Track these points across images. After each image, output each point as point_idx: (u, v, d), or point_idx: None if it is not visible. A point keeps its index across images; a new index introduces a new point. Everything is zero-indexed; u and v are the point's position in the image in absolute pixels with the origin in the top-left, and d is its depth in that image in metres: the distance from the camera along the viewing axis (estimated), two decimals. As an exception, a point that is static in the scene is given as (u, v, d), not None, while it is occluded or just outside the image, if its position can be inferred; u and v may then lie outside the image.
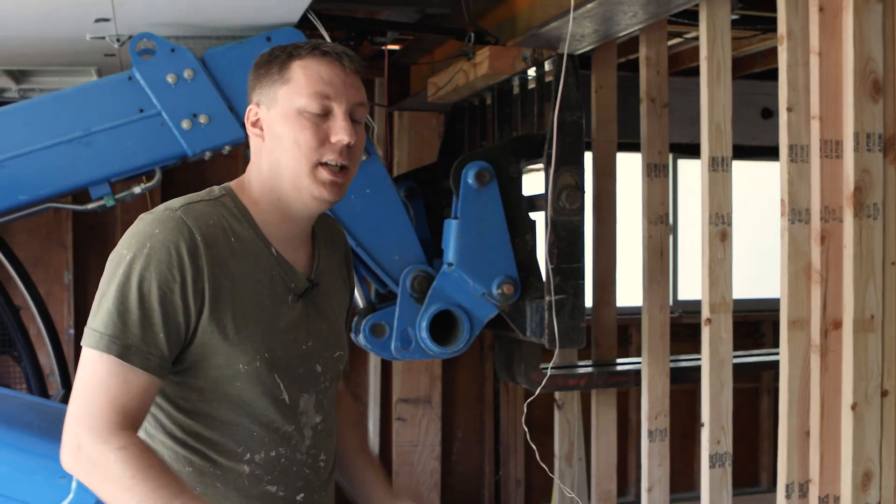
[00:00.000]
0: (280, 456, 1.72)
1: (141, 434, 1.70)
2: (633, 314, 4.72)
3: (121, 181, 3.25)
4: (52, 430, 2.86)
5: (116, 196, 3.22)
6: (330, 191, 1.70)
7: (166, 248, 1.62)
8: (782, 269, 2.84)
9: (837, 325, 2.71)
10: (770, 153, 5.53)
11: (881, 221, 2.63)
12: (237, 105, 3.21)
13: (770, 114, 5.45)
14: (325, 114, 1.69)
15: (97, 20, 3.12)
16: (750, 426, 5.88)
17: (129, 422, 1.60)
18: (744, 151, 5.32)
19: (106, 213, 4.79)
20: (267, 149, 1.74)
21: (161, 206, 1.70)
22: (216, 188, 1.78)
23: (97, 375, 1.60)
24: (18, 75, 4.12)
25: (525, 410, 3.30)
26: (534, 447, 3.27)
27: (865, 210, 2.62)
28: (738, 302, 3.44)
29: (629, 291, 4.22)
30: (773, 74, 5.32)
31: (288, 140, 1.69)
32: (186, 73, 3.17)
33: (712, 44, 3.15)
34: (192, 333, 1.65)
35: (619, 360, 3.96)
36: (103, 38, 3.32)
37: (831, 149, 2.69)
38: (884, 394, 2.66)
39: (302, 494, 1.75)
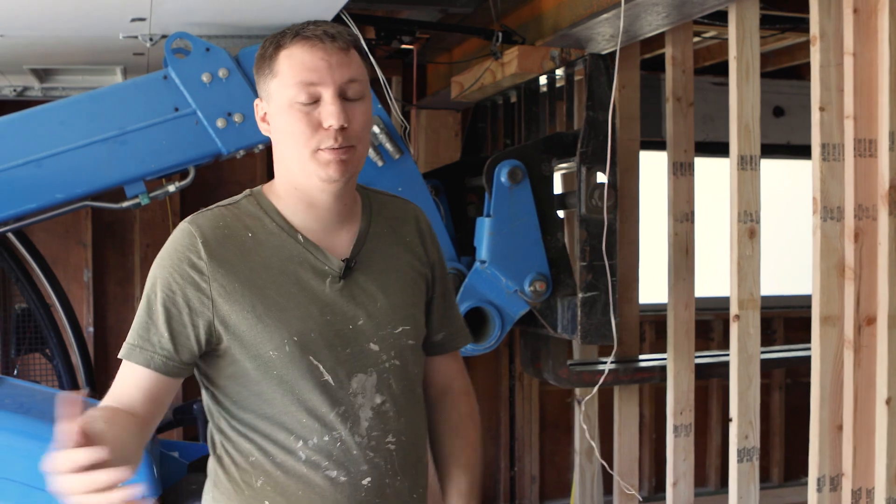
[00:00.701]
0: (335, 440, 1.73)
1: (214, 434, 1.81)
2: (646, 311, 4.77)
3: (155, 179, 3.28)
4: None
5: (151, 194, 3.24)
6: (336, 169, 1.71)
7: (170, 257, 1.72)
8: (814, 266, 2.88)
9: (871, 321, 2.75)
10: (781, 151, 5.61)
11: (915, 219, 2.68)
12: (270, 104, 3.24)
13: (782, 112, 5.50)
14: (315, 101, 1.70)
15: (133, 19, 3.15)
16: (762, 422, 5.92)
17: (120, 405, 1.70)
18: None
19: (125, 211, 4.85)
20: (275, 142, 1.79)
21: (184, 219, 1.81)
22: (242, 193, 1.85)
23: (117, 376, 1.74)
24: (42, 74, 4.14)
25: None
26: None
27: (900, 208, 2.66)
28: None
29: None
30: (784, 73, 5.40)
31: (286, 132, 1.72)
32: (221, 73, 3.19)
33: (741, 44, 3.18)
34: (213, 331, 1.71)
35: (640, 357, 4.00)
36: (136, 37, 3.35)
37: (865, 147, 2.73)
38: (917, 389, 2.71)
39: (368, 479, 1.74)
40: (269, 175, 5.50)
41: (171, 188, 3.31)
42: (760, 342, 3.31)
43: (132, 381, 1.71)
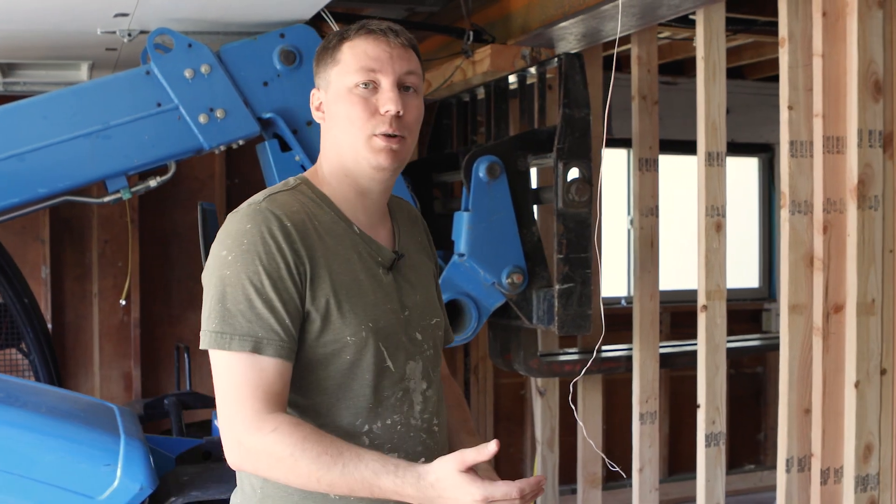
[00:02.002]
0: (396, 423, 1.79)
1: None
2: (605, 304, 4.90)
3: (137, 174, 3.30)
4: (92, 420, 2.91)
5: (133, 189, 3.26)
6: (386, 157, 1.76)
7: (262, 238, 1.69)
8: (782, 257, 3.02)
9: (838, 308, 2.90)
10: (727, 149, 5.79)
11: (881, 212, 2.84)
12: (252, 99, 3.29)
13: (727, 111, 5.67)
14: (374, 88, 1.76)
15: (117, 14, 3.16)
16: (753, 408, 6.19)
17: (274, 405, 1.66)
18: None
19: (82, 207, 4.82)
20: (328, 129, 1.83)
21: (244, 204, 1.78)
22: (291, 179, 1.86)
23: (234, 374, 1.67)
24: (6, 68, 4.11)
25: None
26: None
27: (867, 202, 2.81)
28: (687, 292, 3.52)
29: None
30: (731, 73, 5.57)
31: (342, 117, 1.78)
32: (203, 68, 3.23)
33: (708, 45, 3.32)
34: (305, 312, 1.72)
35: (604, 348, 4.12)
36: (114, 32, 3.36)
37: (833, 144, 2.87)
38: (883, 372, 2.86)
39: (423, 459, 1.80)
40: (229, 171, 5.46)
41: (153, 183, 3.33)
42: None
43: (266, 374, 1.67)
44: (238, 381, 1.66)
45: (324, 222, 1.78)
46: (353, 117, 1.76)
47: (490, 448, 1.55)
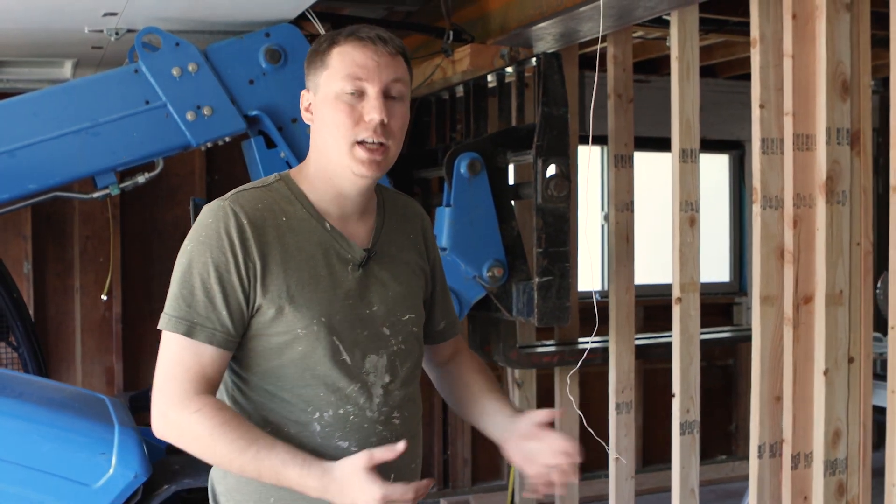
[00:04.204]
0: (348, 414, 1.87)
1: (225, 401, 1.88)
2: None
3: (125, 170, 3.36)
4: (86, 410, 2.98)
5: (121, 185, 3.33)
6: (368, 167, 1.84)
7: (217, 233, 1.81)
8: (754, 250, 3.13)
9: (808, 300, 3.01)
10: (701, 146, 5.90)
11: (848, 207, 2.95)
12: (238, 97, 3.36)
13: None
14: (360, 95, 1.84)
15: (105, 14, 3.22)
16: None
17: (203, 387, 1.79)
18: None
19: (64, 203, 4.87)
20: (316, 130, 1.92)
21: (216, 199, 1.89)
22: (271, 177, 1.96)
23: (171, 352, 1.80)
24: (-10, 66, 4.15)
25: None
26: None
27: (836, 197, 2.93)
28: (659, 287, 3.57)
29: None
30: (703, 72, 5.68)
31: (328, 121, 1.86)
32: (191, 67, 3.30)
33: (682, 46, 3.42)
34: (254, 305, 1.82)
35: (580, 340, 4.22)
36: (101, 31, 3.42)
37: (802, 142, 2.99)
38: (850, 360, 2.98)
39: None
40: (210, 169, 5.52)
41: (141, 179, 3.40)
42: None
43: (200, 358, 1.78)
44: (172, 359, 1.79)
45: (294, 218, 1.87)
46: (339, 123, 1.84)
47: (398, 447, 1.72)
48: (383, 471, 1.79)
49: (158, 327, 1.82)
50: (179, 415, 1.75)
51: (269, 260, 1.82)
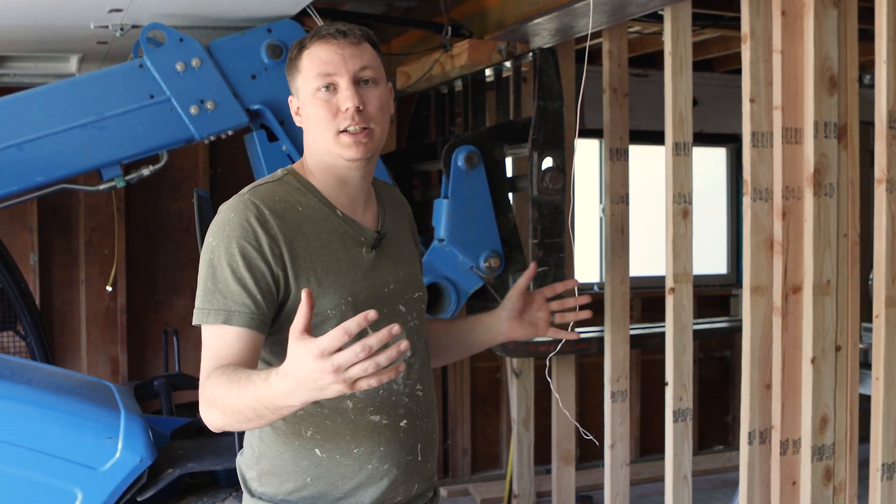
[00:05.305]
0: (378, 389, 1.96)
1: None
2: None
3: (130, 163, 3.44)
4: (93, 396, 3.06)
5: (126, 177, 3.40)
6: (356, 150, 1.95)
7: (241, 225, 1.89)
8: (745, 241, 3.20)
9: (797, 289, 3.08)
10: (696, 139, 5.98)
11: (836, 199, 3.02)
12: (240, 92, 3.44)
13: (695, 102, 5.85)
14: (334, 89, 1.96)
15: (111, 10, 3.29)
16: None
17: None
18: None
19: (69, 196, 4.95)
20: (306, 129, 2.03)
21: (234, 196, 1.97)
22: (279, 171, 2.06)
23: (212, 345, 1.86)
24: (-3, 60, 4.23)
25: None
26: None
27: (823, 189, 3.00)
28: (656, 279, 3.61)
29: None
30: (698, 66, 5.76)
31: (313, 119, 1.98)
32: (194, 62, 3.37)
33: (675, 41, 3.49)
34: (285, 290, 1.91)
35: (577, 329, 4.28)
36: (106, 26, 3.49)
37: (791, 135, 3.05)
38: (837, 349, 3.05)
39: (405, 421, 2.00)
40: (212, 161, 5.61)
41: (146, 171, 3.47)
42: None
43: (238, 343, 1.83)
44: (211, 348, 1.85)
45: (308, 208, 1.97)
46: (320, 118, 1.95)
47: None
48: (410, 443, 1.97)
49: (195, 323, 1.88)
50: (202, 389, 1.79)
51: (295, 246, 1.91)
